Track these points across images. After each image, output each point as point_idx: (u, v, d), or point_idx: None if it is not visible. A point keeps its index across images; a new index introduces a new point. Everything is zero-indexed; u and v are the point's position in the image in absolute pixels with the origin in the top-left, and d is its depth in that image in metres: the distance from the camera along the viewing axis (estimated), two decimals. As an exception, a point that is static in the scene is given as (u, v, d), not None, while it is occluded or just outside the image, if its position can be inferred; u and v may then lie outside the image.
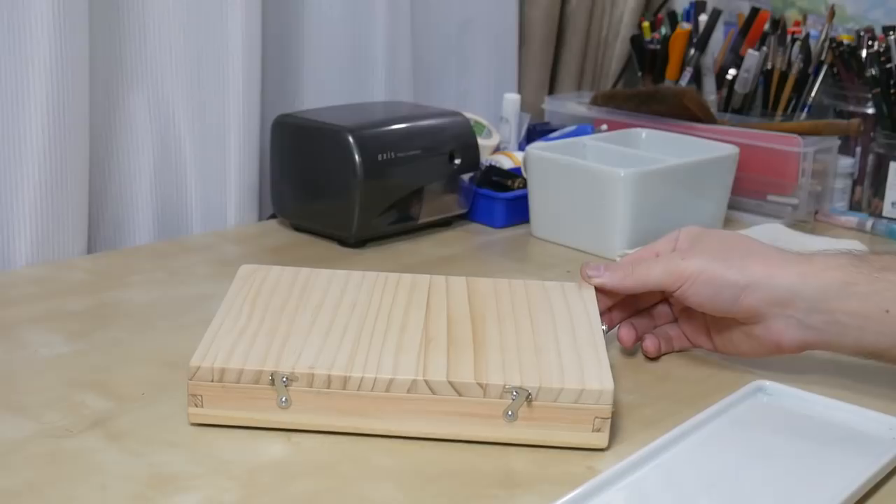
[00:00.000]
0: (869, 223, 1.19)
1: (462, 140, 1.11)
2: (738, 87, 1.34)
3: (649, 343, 0.79)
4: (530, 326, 0.72)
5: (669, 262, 0.73)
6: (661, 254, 0.76)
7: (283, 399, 0.64)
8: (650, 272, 0.74)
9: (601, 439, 0.65)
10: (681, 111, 1.23)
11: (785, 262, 0.71)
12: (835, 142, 1.21)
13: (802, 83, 1.31)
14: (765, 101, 1.34)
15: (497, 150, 1.24)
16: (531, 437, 0.64)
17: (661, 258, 0.75)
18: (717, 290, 0.71)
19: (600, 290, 0.77)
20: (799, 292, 0.70)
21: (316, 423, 0.64)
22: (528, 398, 0.63)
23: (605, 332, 0.72)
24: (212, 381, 0.64)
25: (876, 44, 1.24)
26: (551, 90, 1.55)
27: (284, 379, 0.64)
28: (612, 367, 0.66)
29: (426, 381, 0.64)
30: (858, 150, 1.26)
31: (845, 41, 1.28)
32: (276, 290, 0.76)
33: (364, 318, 0.72)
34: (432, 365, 0.65)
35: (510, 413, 0.64)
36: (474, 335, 0.70)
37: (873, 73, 1.21)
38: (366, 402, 0.64)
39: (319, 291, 0.76)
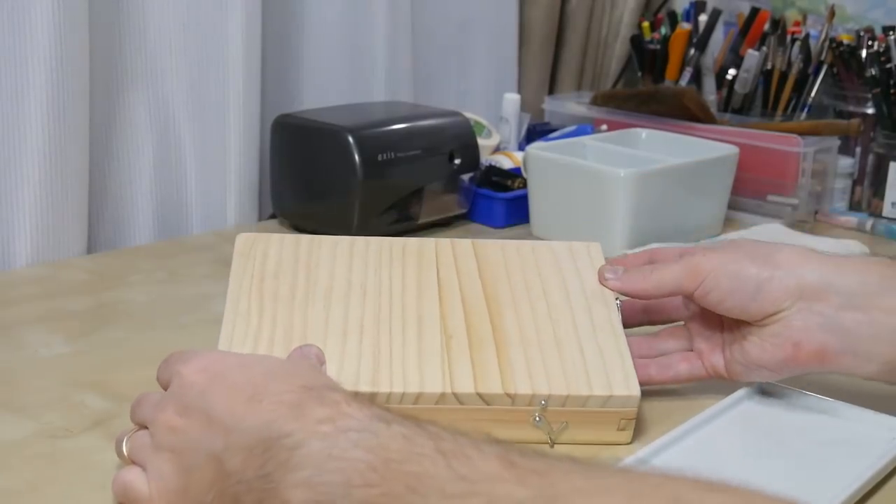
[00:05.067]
0: (869, 223, 1.19)
1: (462, 140, 1.11)
2: (738, 87, 1.34)
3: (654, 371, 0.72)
4: (546, 309, 0.70)
5: (689, 261, 0.68)
6: (683, 254, 0.71)
7: None
8: (668, 272, 0.68)
9: (625, 437, 0.65)
10: (681, 111, 1.23)
11: (818, 256, 0.65)
12: (835, 142, 1.21)
13: (802, 83, 1.31)
14: (765, 101, 1.34)
15: (497, 150, 1.24)
16: (557, 436, 0.65)
17: (681, 259, 0.70)
18: (739, 283, 0.65)
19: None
20: (833, 283, 0.63)
21: None
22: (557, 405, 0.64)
23: (619, 307, 0.71)
24: None
25: (876, 44, 1.23)
26: (551, 90, 1.55)
27: None
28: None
29: (455, 394, 0.63)
30: (858, 150, 1.26)
31: (845, 41, 1.28)
32: (281, 270, 0.72)
33: (378, 309, 0.69)
34: (458, 374, 0.64)
35: (538, 418, 0.64)
36: (493, 327, 0.68)
37: (873, 73, 1.21)
38: None
39: (325, 272, 0.72)
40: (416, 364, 0.65)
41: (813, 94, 1.30)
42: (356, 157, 1.00)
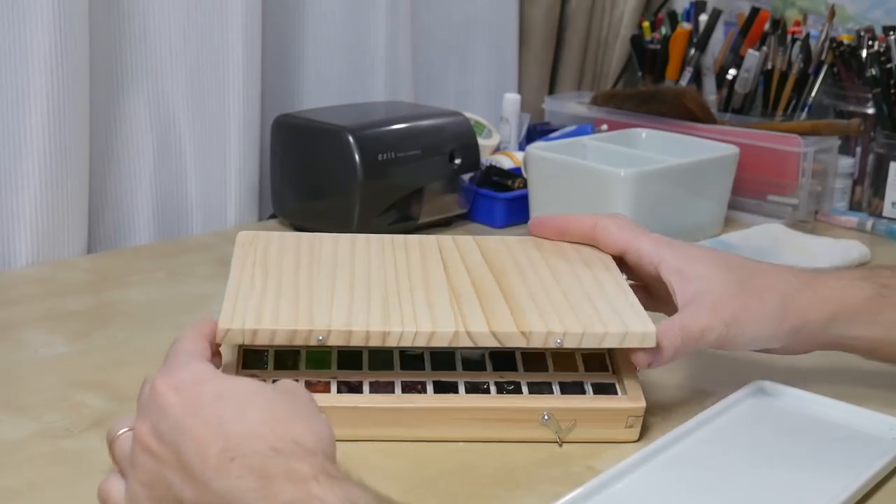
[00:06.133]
0: (869, 223, 1.19)
1: (462, 140, 1.11)
2: (738, 87, 1.34)
3: None
4: (552, 276, 0.70)
5: (713, 329, 0.67)
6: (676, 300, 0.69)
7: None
8: (699, 341, 0.67)
9: (632, 434, 0.66)
10: (681, 111, 1.23)
11: (792, 273, 0.70)
12: (835, 142, 1.21)
13: (802, 83, 1.31)
14: (765, 101, 1.34)
15: (497, 150, 1.24)
16: (565, 435, 0.65)
17: (697, 317, 0.67)
18: (761, 343, 0.69)
19: None
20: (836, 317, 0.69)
21: (345, 435, 0.62)
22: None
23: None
24: (243, 343, 0.62)
25: (876, 44, 1.24)
26: (551, 90, 1.55)
27: (320, 337, 0.61)
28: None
29: (468, 333, 0.62)
30: (858, 150, 1.26)
31: (845, 41, 1.28)
32: (283, 254, 0.71)
33: (384, 275, 0.69)
34: (470, 317, 0.63)
35: (546, 417, 0.64)
36: (501, 287, 0.68)
37: (873, 73, 1.21)
38: (403, 415, 0.64)
39: (329, 254, 0.72)
40: (426, 310, 0.64)
41: (813, 94, 1.30)
42: (356, 157, 1.00)
